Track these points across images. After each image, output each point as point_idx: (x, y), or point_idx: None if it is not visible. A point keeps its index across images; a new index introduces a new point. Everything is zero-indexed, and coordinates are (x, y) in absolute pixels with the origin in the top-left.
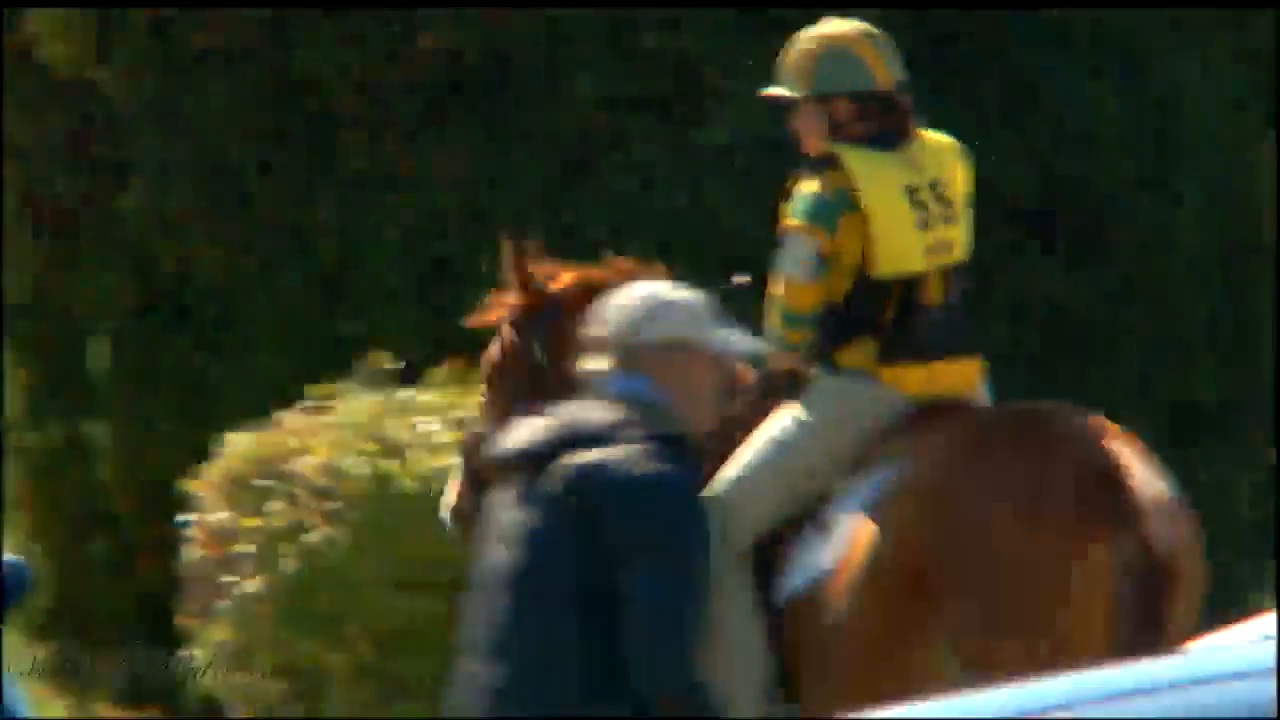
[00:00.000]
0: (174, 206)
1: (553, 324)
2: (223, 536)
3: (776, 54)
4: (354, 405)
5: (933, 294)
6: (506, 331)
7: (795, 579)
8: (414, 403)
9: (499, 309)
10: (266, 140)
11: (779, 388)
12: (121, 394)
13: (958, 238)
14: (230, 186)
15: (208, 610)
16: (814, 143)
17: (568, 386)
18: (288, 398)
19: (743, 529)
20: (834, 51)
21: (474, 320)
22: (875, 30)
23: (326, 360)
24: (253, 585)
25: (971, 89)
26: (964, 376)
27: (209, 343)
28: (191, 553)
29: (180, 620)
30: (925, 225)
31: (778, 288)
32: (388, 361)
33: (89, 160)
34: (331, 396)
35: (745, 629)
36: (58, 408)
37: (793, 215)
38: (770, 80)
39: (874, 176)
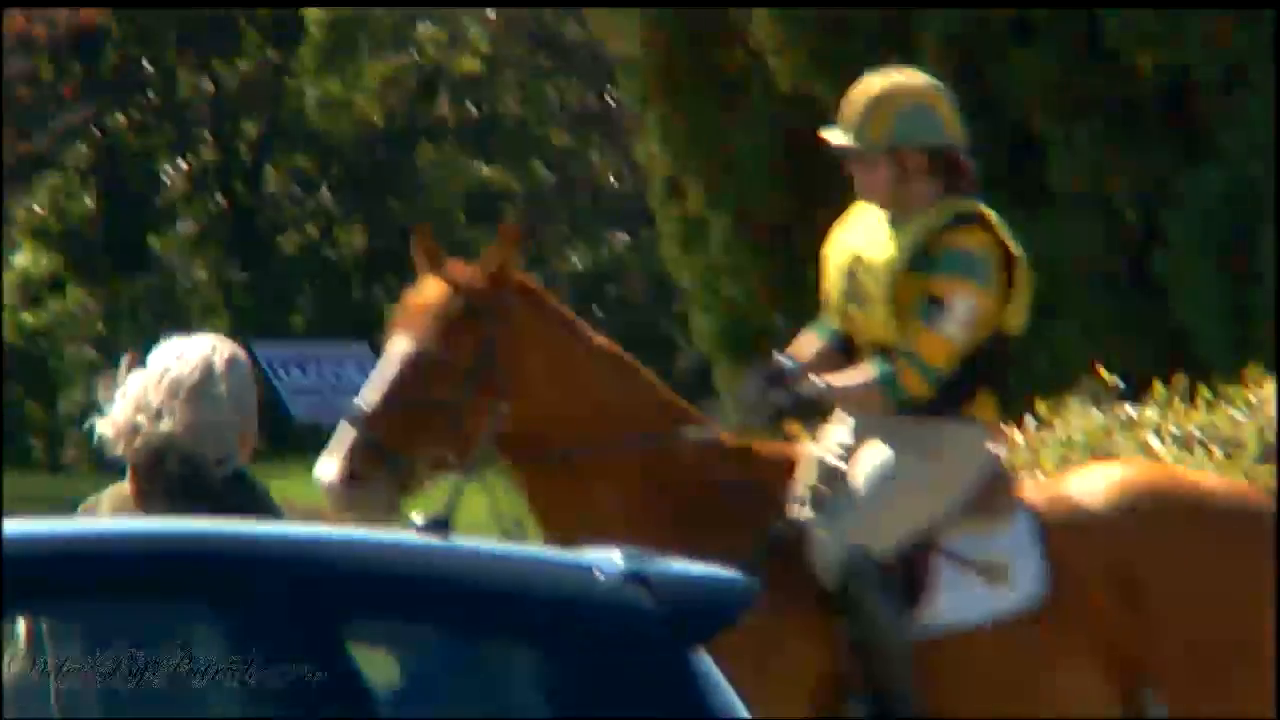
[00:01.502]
0: None
1: (504, 325)
2: None
3: None
4: (1079, 421)
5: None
6: (445, 322)
7: (960, 614)
8: (1139, 419)
9: (444, 296)
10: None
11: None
12: None
13: None
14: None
15: None
16: (880, 194)
17: (508, 388)
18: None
19: (885, 546)
20: (913, 104)
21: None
22: (942, 85)
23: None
24: None
25: None
26: None
27: None
28: None
29: None
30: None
31: (926, 341)
32: (1110, 377)
33: (804, 176)
34: (1056, 412)
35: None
36: None
37: (968, 278)
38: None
39: (1006, 232)
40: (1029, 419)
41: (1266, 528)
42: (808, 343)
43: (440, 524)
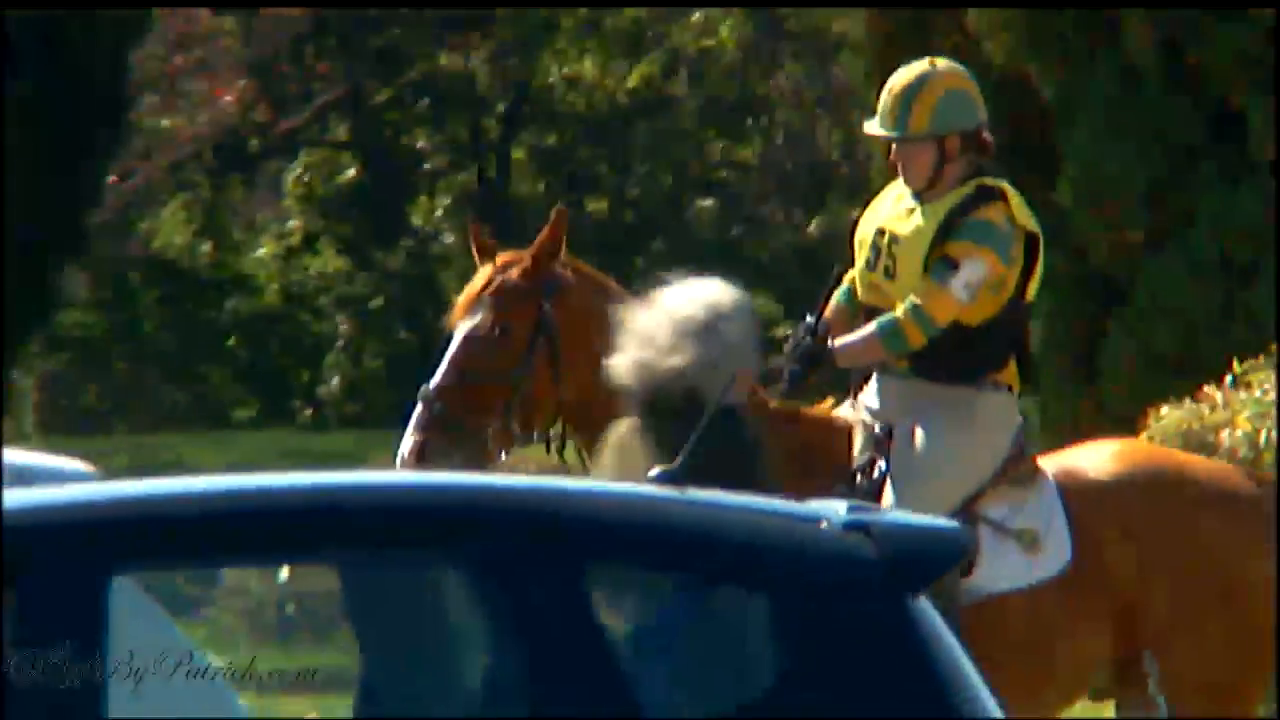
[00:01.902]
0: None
1: (558, 300)
2: None
3: None
4: (1274, 383)
5: None
6: (501, 301)
7: (999, 581)
8: None
9: (503, 276)
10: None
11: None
12: (1051, 370)
13: None
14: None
15: None
16: (923, 177)
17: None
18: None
19: (938, 513)
20: (950, 92)
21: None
22: (966, 68)
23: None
24: None
25: None
26: None
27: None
28: None
29: None
30: None
31: (932, 296)
32: None
33: (1018, 152)
34: (1252, 374)
35: None
36: None
37: (985, 247)
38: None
39: (1027, 209)
40: (1226, 380)
41: (1246, 503)
42: (834, 307)
43: (675, 476)
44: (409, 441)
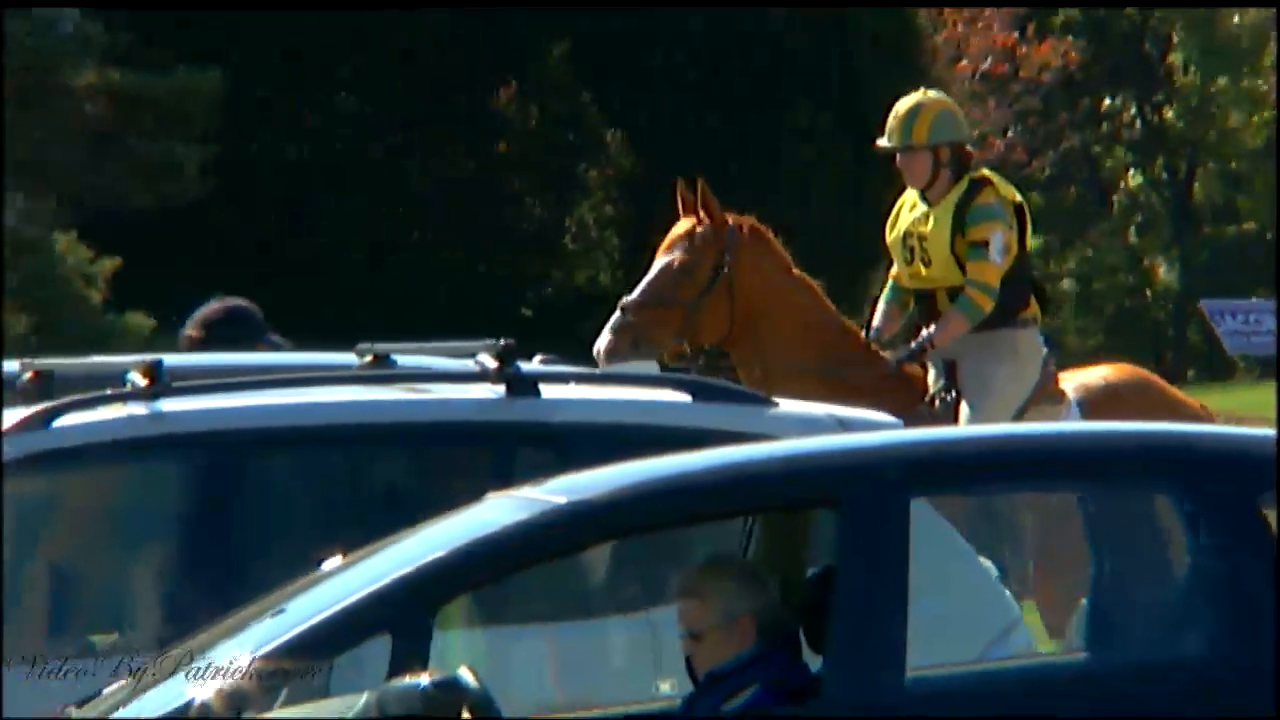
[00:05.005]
0: None
1: (735, 252)
2: None
3: None
4: None
5: None
6: (693, 246)
7: None
8: None
9: (698, 223)
10: None
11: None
12: None
13: None
14: None
15: None
16: (922, 180)
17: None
18: None
19: None
20: (942, 111)
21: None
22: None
23: None
24: None
25: None
26: None
27: None
28: None
29: None
30: None
31: (982, 272)
32: None
33: None
34: None
35: None
36: None
37: (996, 220)
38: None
39: (1009, 185)
40: None
41: (1191, 409)
42: (891, 310)
43: None
44: (605, 339)
